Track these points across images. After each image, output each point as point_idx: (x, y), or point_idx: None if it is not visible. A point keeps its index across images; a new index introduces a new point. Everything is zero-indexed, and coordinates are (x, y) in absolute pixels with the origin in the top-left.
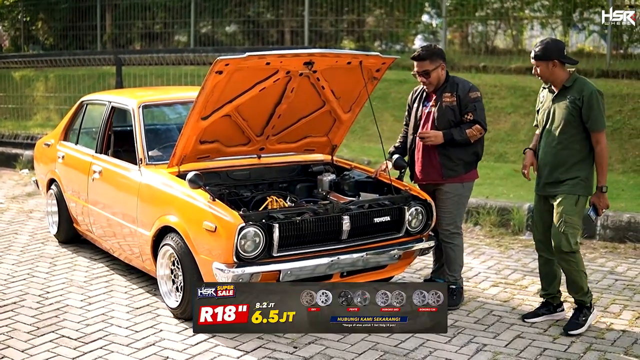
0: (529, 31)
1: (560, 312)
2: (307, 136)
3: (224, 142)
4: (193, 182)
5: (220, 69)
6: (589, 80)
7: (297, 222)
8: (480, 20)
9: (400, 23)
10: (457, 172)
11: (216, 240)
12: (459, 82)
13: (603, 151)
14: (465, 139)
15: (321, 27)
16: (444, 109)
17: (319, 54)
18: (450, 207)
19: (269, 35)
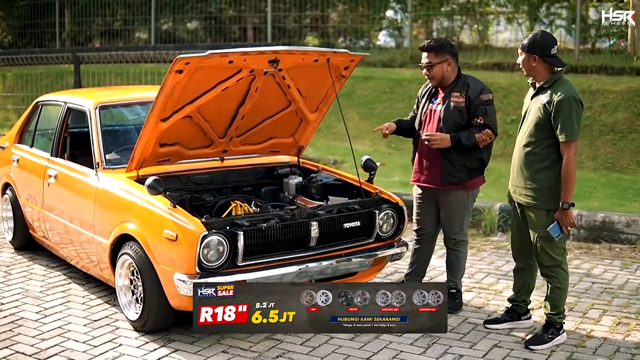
0: (495, 26)
1: (525, 320)
2: (272, 137)
3: (185, 144)
4: (152, 187)
5: (180, 67)
6: (571, 84)
7: (262, 229)
8: (445, 15)
9: (364, 19)
10: (458, 178)
11: (177, 250)
12: (470, 82)
13: (569, 164)
14: (473, 144)
15: (284, 23)
16: (451, 109)
17: (285, 51)
18: (455, 216)
19: (231, 31)
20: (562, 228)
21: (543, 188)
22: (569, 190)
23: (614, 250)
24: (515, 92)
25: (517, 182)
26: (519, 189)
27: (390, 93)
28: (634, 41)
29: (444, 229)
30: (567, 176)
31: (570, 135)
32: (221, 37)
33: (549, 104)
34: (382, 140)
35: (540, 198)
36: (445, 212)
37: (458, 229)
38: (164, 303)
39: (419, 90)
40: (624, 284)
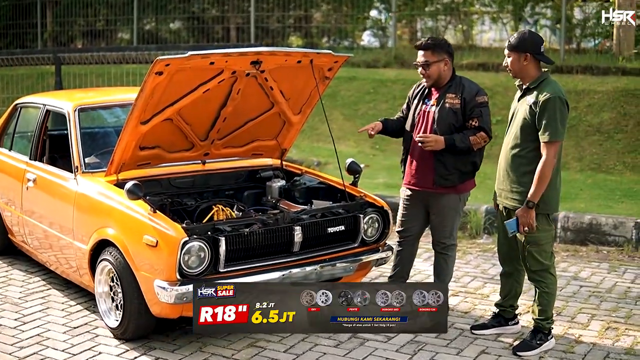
0: (479, 26)
1: (512, 325)
2: (255, 140)
3: (165, 147)
4: (132, 192)
5: (160, 69)
6: (557, 84)
7: (245, 234)
8: (430, 15)
9: (348, 19)
10: (450, 181)
11: (158, 256)
12: (466, 84)
13: (546, 165)
14: (467, 147)
15: (267, 24)
16: (446, 111)
17: (267, 52)
18: (447, 220)
19: (214, 32)
20: (520, 227)
21: (528, 192)
22: (538, 190)
23: (601, 252)
24: (500, 92)
25: (503, 186)
26: (505, 192)
27: (374, 94)
28: (620, 41)
29: (434, 233)
30: (540, 176)
31: (554, 136)
32: (204, 38)
33: (535, 105)
34: (367, 141)
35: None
36: (436, 215)
37: (448, 233)
38: (145, 310)
39: (410, 90)
40: (612, 287)
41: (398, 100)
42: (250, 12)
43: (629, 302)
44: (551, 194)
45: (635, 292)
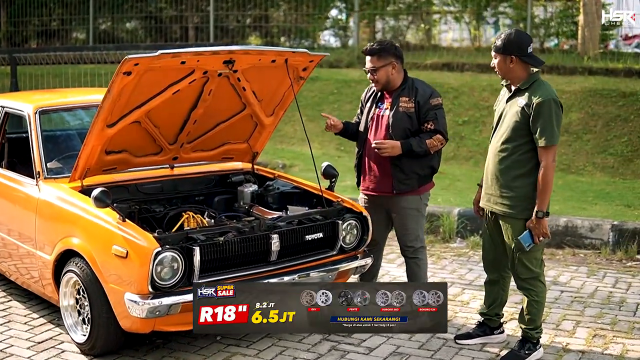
0: (441, 26)
1: (498, 334)
2: (226, 143)
3: (132, 151)
4: (99, 200)
5: (129, 69)
6: (549, 86)
7: (220, 243)
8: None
9: (308, 18)
10: (409, 186)
11: (128, 268)
12: (419, 86)
13: (547, 170)
14: (425, 150)
15: (226, 23)
16: (400, 115)
17: (241, 51)
18: (410, 223)
19: (172, 31)
20: (534, 238)
21: (520, 196)
22: (545, 199)
23: (578, 256)
24: (466, 92)
25: (492, 191)
26: (494, 198)
27: (337, 94)
28: (585, 40)
29: (400, 238)
30: (544, 183)
31: (550, 140)
32: (161, 37)
33: (528, 107)
34: (331, 142)
35: (517, 207)
36: (399, 219)
37: (414, 236)
38: (114, 325)
39: (363, 93)
40: (594, 293)
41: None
42: (208, 11)
43: (612, 308)
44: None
45: (618, 297)
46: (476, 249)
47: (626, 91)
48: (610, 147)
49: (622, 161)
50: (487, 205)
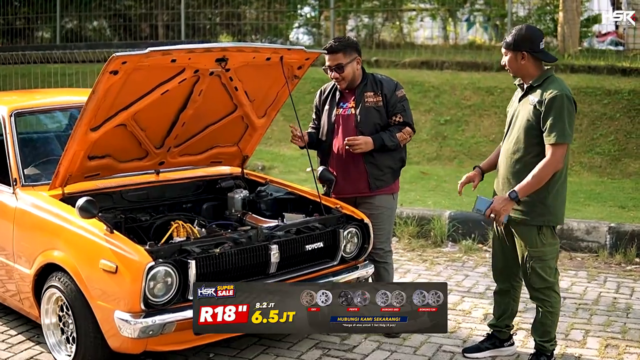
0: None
1: (508, 347)
2: (215, 146)
3: (116, 156)
4: (85, 210)
5: (116, 68)
6: (563, 82)
7: (216, 255)
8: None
9: (280, 16)
10: (385, 182)
11: (118, 284)
12: (382, 80)
13: (548, 165)
14: (396, 144)
15: (197, 21)
16: (367, 110)
17: (235, 48)
18: (384, 223)
19: (141, 30)
20: (488, 210)
21: (534, 201)
22: (528, 188)
23: (576, 260)
24: (447, 91)
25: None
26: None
27: (314, 94)
28: (564, 38)
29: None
30: (537, 176)
31: (561, 137)
32: (130, 36)
33: (540, 104)
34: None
35: (531, 213)
36: (373, 219)
37: (385, 238)
38: (102, 344)
39: (316, 98)
40: (598, 299)
41: None
42: (178, 9)
43: (620, 315)
44: (557, 203)
45: (623, 304)
46: (469, 253)
47: (610, 89)
48: (597, 146)
49: (610, 160)
50: None
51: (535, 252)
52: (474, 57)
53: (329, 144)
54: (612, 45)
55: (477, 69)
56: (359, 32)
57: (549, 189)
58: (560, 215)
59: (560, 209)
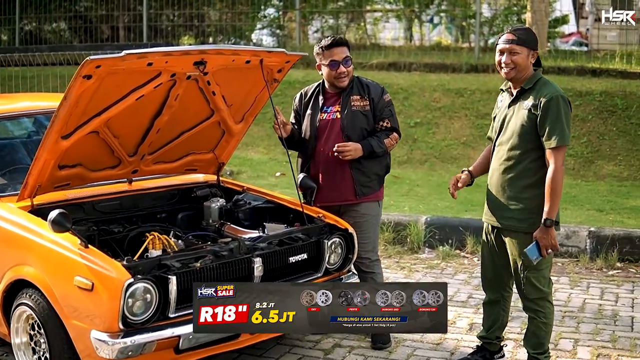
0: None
1: (498, 359)
2: (190, 153)
3: (88, 165)
4: (58, 223)
5: (90, 72)
6: (555, 84)
7: (197, 269)
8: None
9: (244, 17)
10: (371, 188)
11: (94, 302)
12: (368, 83)
13: (557, 173)
14: (384, 150)
15: (158, 22)
16: (353, 115)
17: (213, 50)
18: (370, 231)
19: (101, 31)
20: (542, 250)
21: (530, 209)
22: (554, 205)
23: (556, 265)
24: (416, 93)
25: (496, 204)
26: (500, 211)
27: (282, 96)
28: None
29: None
30: (554, 188)
31: (562, 140)
32: (90, 38)
33: (535, 107)
34: (278, 146)
35: (526, 220)
36: (358, 228)
37: (372, 246)
38: None
39: (295, 101)
40: (583, 306)
41: None
42: (139, 10)
43: (607, 323)
44: None
45: (609, 311)
46: (448, 260)
47: (582, 90)
48: (570, 148)
49: (583, 162)
50: (490, 220)
51: (528, 261)
52: (442, 59)
53: (312, 149)
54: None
55: (446, 70)
56: (323, 34)
57: (542, 197)
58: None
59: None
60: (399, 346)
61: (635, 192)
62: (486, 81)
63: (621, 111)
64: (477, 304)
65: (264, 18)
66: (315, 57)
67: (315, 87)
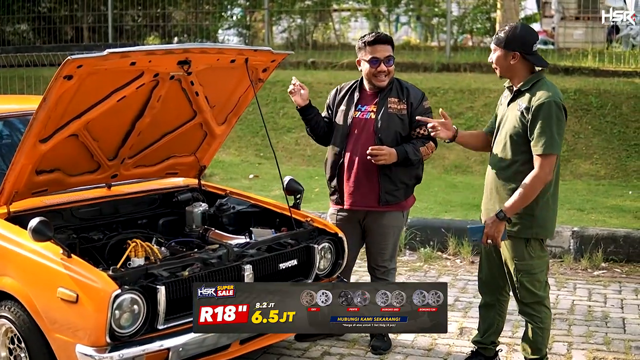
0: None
1: None
2: (171, 156)
3: (66, 170)
4: (39, 232)
5: (71, 72)
6: (554, 87)
7: (185, 278)
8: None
9: (209, 17)
10: (396, 198)
11: (79, 315)
12: (409, 87)
13: (537, 180)
14: (419, 159)
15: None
16: (389, 117)
17: (198, 49)
18: (390, 241)
19: (65, 32)
20: (484, 237)
21: (522, 213)
22: (516, 205)
23: None
24: None
25: (491, 205)
26: (492, 213)
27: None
28: None
29: (372, 257)
30: (527, 192)
31: (549, 147)
32: (53, 39)
33: (527, 111)
34: (249, 148)
35: (518, 224)
36: (377, 237)
37: (389, 256)
38: None
39: (330, 96)
40: (572, 308)
41: (279, 102)
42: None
43: (599, 325)
44: (547, 215)
45: (599, 312)
46: (430, 262)
47: None
48: None
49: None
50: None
51: (523, 265)
52: (412, 58)
53: (342, 148)
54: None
55: (417, 69)
56: (291, 33)
57: (537, 200)
58: (550, 228)
59: (550, 222)
60: (390, 352)
61: (614, 191)
62: (458, 80)
63: (596, 109)
64: (465, 307)
65: (230, 18)
66: (357, 52)
67: (353, 83)
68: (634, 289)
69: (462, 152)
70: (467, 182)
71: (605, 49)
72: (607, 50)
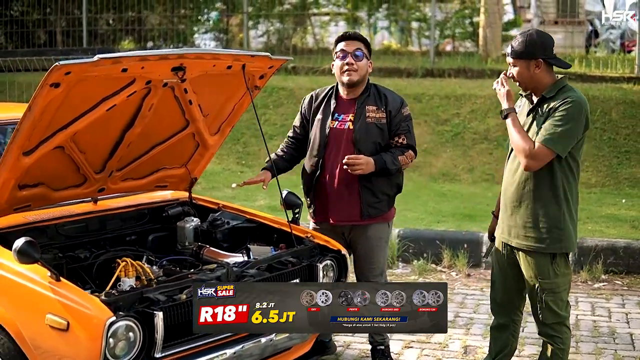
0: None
1: None
2: (161, 168)
3: (50, 184)
4: (25, 254)
5: (58, 80)
6: (579, 93)
7: (182, 302)
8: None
9: (186, 20)
10: (378, 210)
11: (70, 344)
12: (387, 93)
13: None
14: (397, 168)
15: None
16: (367, 127)
17: (193, 55)
18: (379, 255)
19: (38, 37)
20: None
21: (549, 227)
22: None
23: None
24: None
25: (512, 221)
26: (516, 229)
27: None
28: (486, 42)
29: (362, 273)
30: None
31: (550, 141)
32: (25, 43)
33: (553, 111)
34: (231, 156)
35: (545, 240)
36: (364, 251)
37: (379, 270)
38: None
39: (303, 103)
40: (577, 323)
41: (260, 109)
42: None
43: (607, 341)
44: (573, 227)
45: (606, 328)
46: (425, 275)
47: None
48: None
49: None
50: (505, 239)
51: (547, 284)
52: (395, 63)
53: (319, 160)
54: None
55: (400, 74)
56: (269, 38)
57: (565, 214)
58: (574, 240)
59: (575, 234)
60: None
61: (607, 199)
62: (443, 86)
63: None
64: (467, 324)
65: (207, 22)
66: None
67: (329, 90)
68: (638, 302)
69: (449, 160)
70: (456, 190)
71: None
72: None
